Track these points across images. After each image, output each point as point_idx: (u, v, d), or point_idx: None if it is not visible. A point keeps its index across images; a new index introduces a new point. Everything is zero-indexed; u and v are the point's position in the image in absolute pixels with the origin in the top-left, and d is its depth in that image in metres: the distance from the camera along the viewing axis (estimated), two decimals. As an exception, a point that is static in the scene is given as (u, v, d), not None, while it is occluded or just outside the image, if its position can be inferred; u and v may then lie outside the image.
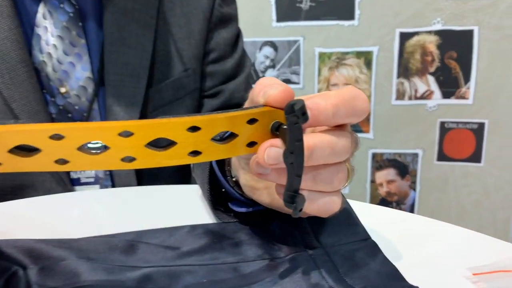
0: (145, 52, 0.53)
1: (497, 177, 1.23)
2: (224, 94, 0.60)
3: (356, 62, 1.25)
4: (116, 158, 0.25)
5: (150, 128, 0.25)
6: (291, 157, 0.25)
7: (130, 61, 0.53)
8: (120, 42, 0.52)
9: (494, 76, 1.19)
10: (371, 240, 0.34)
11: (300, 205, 0.27)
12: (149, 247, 0.36)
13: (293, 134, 0.25)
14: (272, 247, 0.35)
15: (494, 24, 1.16)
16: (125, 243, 0.35)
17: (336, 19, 1.23)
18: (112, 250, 0.35)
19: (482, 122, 1.21)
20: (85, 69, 0.52)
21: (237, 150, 0.27)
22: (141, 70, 0.53)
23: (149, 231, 0.38)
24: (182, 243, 0.36)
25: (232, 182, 0.38)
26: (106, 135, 0.24)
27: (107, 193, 0.48)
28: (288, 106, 0.25)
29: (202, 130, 0.26)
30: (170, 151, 0.26)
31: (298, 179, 0.26)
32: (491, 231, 1.25)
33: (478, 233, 0.37)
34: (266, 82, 0.28)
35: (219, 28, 0.59)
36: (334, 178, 0.28)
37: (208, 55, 0.59)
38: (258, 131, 0.27)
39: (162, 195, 0.46)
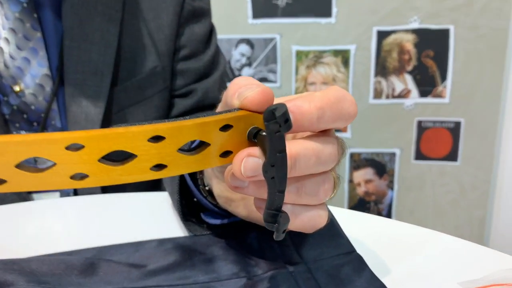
0: (109, 48, 0.49)
1: (473, 176, 1.24)
2: (197, 93, 0.56)
3: (334, 60, 1.24)
4: (64, 175, 0.21)
5: (104, 140, 0.21)
6: (272, 170, 0.22)
7: (93, 58, 0.48)
8: (82, 37, 0.48)
9: (470, 75, 1.19)
10: (356, 253, 0.32)
11: (283, 225, 0.23)
12: (111, 265, 0.32)
13: (274, 144, 0.21)
14: (249, 263, 0.32)
15: (470, 24, 1.16)
16: (84, 262, 0.32)
17: (313, 16, 1.21)
18: (69, 271, 0.31)
19: (458, 121, 1.22)
20: (41, 65, 0.48)
21: (209, 161, 0.24)
22: (105, 68, 0.49)
23: (112, 247, 0.35)
24: (149, 260, 0.33)
25: (205, 191, 0.34)
26: (50, 149, 0.20)
27: (67, 202, 0.44)
28: (268, 112, 0.21)
29: (166, 140, 0.22)
30: (129, 166, 0.22)
31: (281, 195, 0.23)
32: (467, 229, 1.26)
33: (467, 242, 0.34)
34: (242, 82, 0.24)
35: (191, 23, 0.55)
36: (320, 190, 0.25)
37: (179, 52, 0.56)
38: (233, 138, 0.24)
39: (128, 204, 0.42)
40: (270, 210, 0.23)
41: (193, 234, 0.35)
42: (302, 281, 0.29)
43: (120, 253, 0.34)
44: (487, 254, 0.33)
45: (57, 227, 0.38)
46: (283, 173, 0.22)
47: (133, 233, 0.36)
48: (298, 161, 0.23)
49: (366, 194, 1.31)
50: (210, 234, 0.35)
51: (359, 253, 0.32)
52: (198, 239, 0.35)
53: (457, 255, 0.33)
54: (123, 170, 0.22)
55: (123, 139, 0.21)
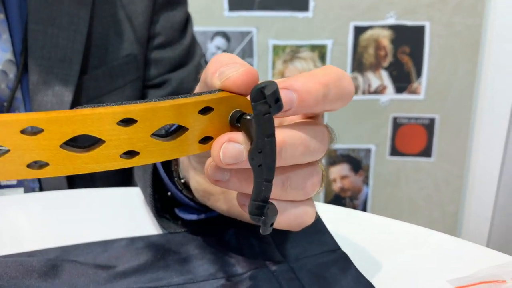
0: (78, 34, 0.46)
1: (446, 171, 1.26)
2: (171, 83, 0.53)
3: (310, 55, 1.23)
4: (20, 164, 0.18)
5: (67, 123, 0.18)
6: (259, 157, 0.20)
7: (60, 44, 0.45)
8: (48, 21, 0.44)
9: (444, 72, 1.20)
10: (340, 251, 0.30)
11: (270, 218, 0.21)
12: (76, 267, 0.29)
13: (262, 127, 0.19)
14: (227, 262, 0.30)
15: (445, 20, 1.17)
16: (45, 264, 0.29)
17: (290, 10, 1.19)
18: (27, 274, 0.28)
19: (432, 118, 1.23)
20: (4, 50, 0.44)
21: (186, 148, 0.21)
22: (74, 55, 0.45)
23: (78, 247, 0.32)
24: (118, 261, 0.30)
25: (181, 184, 0.32)
26: (3, 133, 0.18)
27: (31, 198, 0.40)
28: (255, 90, 0.19)
29: (138, 123, 0.19)
30: (96, 153, 0.19)
31: (268, 185, 0.20)
32: (441, 224, 1.28)
33: (454, 238, 0.33)
34: (224, 59, 0.22)
35: (166, 10, 0.53)
36: (307, 183, 0.23)
37: (153, 40, 0.53)
38: (213, 123, 0.21)
39: (96, 200, 0.39)
40: (256, 202, 0.21)
41: (167, 232, 0.33)
42: (284, 282, 0.27)
43: (87, 253, 0.31)
44: (475, 251, 0.32)
45: (18, 226, 0.35)
46: (271, 160, 0.20)
47: (101, 231, 0.34)
48: (284, 149, 0.21)
49: (341, 190, 1.31)
50: (185, 232, 0.33)
51: (343, 250, 0.30)
52: (172, 237, 0.32)
53: (445, 252, 0.32)
54: (89, 158, 0.19)
55: (88, 121, 0.19)
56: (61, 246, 0.32)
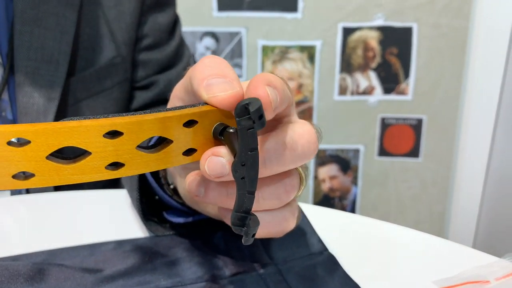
0: (65, 35, 0.45)
1: (433, 171, 1.27)
2: (159, 85, 0.53)
3: (299, 56, 1.23)
4: (5, 175, 0.18)
5: (53, 135, 0.18)
6: (242, 169, 0.20)
7: (47, 45, 0.44)
8: (35, 22, 0.44)
9: (431, 73, 1.22)
10: (328, 252, 0.30)
11: (252, 229, 0.22)
12: (63, 270, 0.29)
13: (245, 142, 0.20)
14: (215, 265, 0.30)
15: (432, 22, 1.18)
16: (31, 268, 0.29)
17: (279, 11, 1.20)
18: (13, 279, 0.27)
19: (420, 118, 1.24)
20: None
21: (171, 159, 0.22)
22: (61, 56, 0.45)
23: (64, 250, 0.32)
24: (105, 264, 0.30)
25: (170, 190, 0.32)
26: None
27: (16, 200, 0.40)
28: (240, 107, 0.19)
29: (125, 135, 0.20)
30: (82, 164, 0.19)
31: (251, 196, 0.21)
32: (428, 224, 1.29)
33: (439, 239, 0.34)
34: (212, 67, 0.22)
35: (154, 11, 0.52)
36: (280, 191, 0.23)
37: (141, 41, 0.52)
38: (197, 135, 0.22)
39: (82, 203, 0.39)
40: (238, 213, 0.21)
41: (155, 235, 0.33)
42: (272, 284, 0.27)
43: (73, 256, 0.31)
44: (460, 251, 0.33)
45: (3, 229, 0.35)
46: (254, 173, 0.20)
47: (88, 234, 0.33)
48: (268, 159, 0.21)
49: (330, 190, 1.32)
50: (173, 235, 0.33)
51: (331, 252, 0.30)
52: (160, 240, 0.32)
53: (430, 252, 0.33)
54: (75, 169, 0.19)
55: (75, 133, 0.19)
56: (47, 250, 0.32)
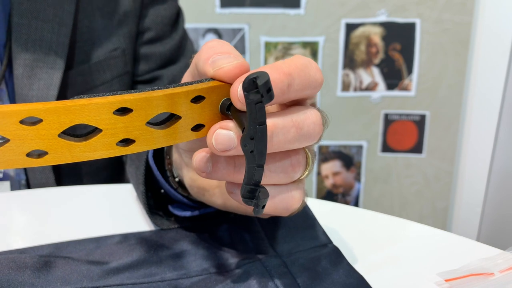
0: (63, 27, 0.45)
1: (437, 167, 1.27)
2: (162, 80, 0.53)
3: (302, 52, 1.23)
4: (19, 153, 0.19)
5: (65, 113, 0.19)
6: (251, 143, 0.20)
7: (45, 37, 0.44)
8: (32, 14, 0.44)
9: (434, 68, 1.21)
10: (332, 245, 0.30)
11: (262, 200, 0.22)
12: (70, 263, 0.29)
13: (254, 115, 0.20)
14: (220, 257, 0.30)
15: (434, 18, 1.18)
16: (39, 260, 0.29)
17: (282, 7, 1.20)
18: (20, 271, 0.28)
19: (423, 114, 1.24)
20: None
21: (180, 135, 0.22)
22: (59, 48, 0.45)
23: (70, 243, 0.32)
24: (111, 257, 0.30)
25: (175, 183, 0.32)
26: (2, 123, 0.18)
27: (19, 195, 0.40)
28: (248, 81, 0.19)
29: (134, 112, 0.20)
30: (93, 141, 0.20)
31: (260, 170, 0.21)
32: (431, 219, 1.29)
33: (443, 232, 0.34)
34: (217, 47, 0.22)
35: (156, 3, 0.52)
36: (286, 164, 0.23)
37: (143, 35, 0.52)
38: (205, 111, 0.22)
39: (87, 197, 0.39)
40: (248, 185, 0.21)
41: (160, 228, 0.33)
42: (277, 276, 0.27)
43: (79, 249, 0.31)
44: (464, 244, 0.33)
45: (9, 223, 0.35)
46: (263, 146, 0.21)
47: (93, 228, 0.34)
48: (275, 134, 0.21)
49: (333, 186, 1.32)
50: (178, 228, 0.33)
51: (335, 244, 0.30)
52: (165, 233, 0.33)
53: (435, 245, 0.33)
54: (87, 146, 0.20)
55: (86, 111, 0.19)
56: (54, 243, 0.32)
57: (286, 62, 0.22)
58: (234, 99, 0.21)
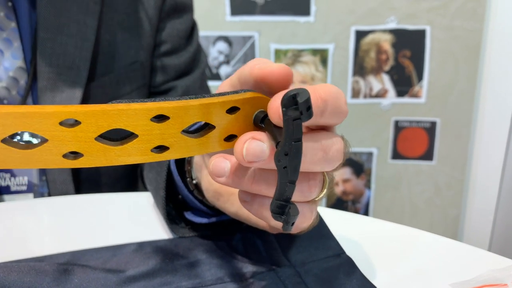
0: (86, 41, 0.46)
1: (448, 175, 1.26)
2: (177, 91, 0.54)
3: (312, 59, 1.23)
4: (56, 153, 0.19)
5: (103, 117, 0.19)
6: (285, 159, 0.20)
7: (69, 52, 0.46)
8: (57, 29, 0.45)
9: (445, 75, 1.21)
10: (345, 255, 0.31)
11: (292, 217, 0.22)
12: (87, 271, 0.30)
13: (291, 132, 0.20)
14: (235, 267, 0.30)
15: (445, 25, 1.18)
16: (57, 268, 0.29)
17: (292, 14, 1.20)
18: (40, 279, 0.28)
19: (434, 121, 1.23)
20: (16, 58, 0.45)
21: (212, 145, 0.22)
22: (81, 62, 0.46)
23: (87, 251, 0.32)
24: (127, 265, 0.31)
25: (192, 185, 0.33)
26: (42, 124, 0.18)
27: (40, 203, 0.41)
28: (288, 97, 0.19)
29: (171, 120, 0.20)
30: (129, 146, 0.20)
31: (292, 186, 0.21)
32: (442, 228, 1.28)
33: (456, 242, 0.34)
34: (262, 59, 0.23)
35: (172, 17, 0.53)
36: (305, 186, 0.24)
37: (159, 47, 0.53)
38: (238, 122, 0.22)
39: (104, 205, 0.40)
40: (279, 201, 0.21)
41: (176, 237, 0.33)
42: (291, 286, 0.28)
43: (96, 258, 0.32)
44: (476, 254, 0.33)
45: (28, 231, 0.36)
46: (297, 163, 0.21)
47: (110, 236, 0.34)
48: (304, 154, 0.22)
49: (343, 193, 1.31)
50: (192, 237, 0.33)
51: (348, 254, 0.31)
52: (180, 242, 0.33)
53: (447, 255, 0.33)
54: (122, 151, 0.20)
55: (124, 116, 0.19)
56: (71, 251, 0.32)
57: (322, 88, 0.22)
58: (273, 113, 0.21)
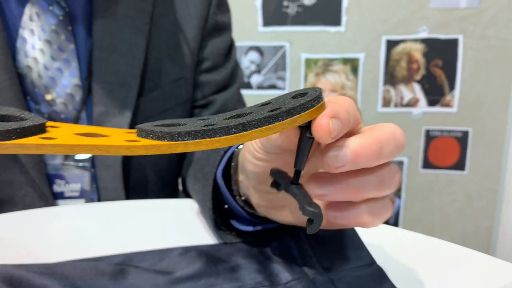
0: (136, 60, 0.51)
1: (480, 185, 1.24)
2: (216, 104, 0.57)
3: (343, 68, 1.25)
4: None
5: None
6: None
7: (120, 69, 0.50)
8: (110, 49, 0.49)
9: (477, 85, 1.20)
10: (376, 265, 0.33)
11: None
12: (139, 272, 0.33)
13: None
14: (272, 272, 0.33)
15: (478, 34, 1.17)
16: (114, 268, 0.33)
17: (322, 24, 1.22)
18: (100, 276, 0.32)
19: (466, 130, 1.22)
20: (73, 76, 0.49)
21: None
22: (132, 79, 0.50)
23: (139, 254, 0.36)
24: (175, 267, 0.34)
25: (241, 201, 0.35)
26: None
27: (93, 207, 0.45)
28: None
29: None
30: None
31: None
32: (474, 238, 1.26)
33: (488, 256, 0.35)
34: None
35: (213, 36, 0.57)
36: (389, 176, 0.26)
37: (201, 64, 0.57)
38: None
39: (151, 210, 0.43)
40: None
41: (218, 243, 0.36)
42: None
43: (146, 260, 0.35)
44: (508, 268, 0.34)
45: (86, 231, 0.39)
46: None
47: (157, 239, 0.37)
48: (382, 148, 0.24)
49: (373, 201, 1.32)
50: (233, 243, 0.36)
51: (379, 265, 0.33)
52: (222, 247, 0.36)
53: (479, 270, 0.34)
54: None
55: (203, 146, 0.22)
56: (123, 253, 0.36)
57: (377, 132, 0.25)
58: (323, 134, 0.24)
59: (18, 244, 0.36)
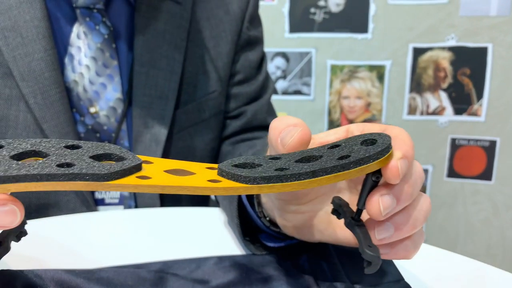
0: (174, 74, 0.53)
1: (507, 195, 1.23)
2: (246, 115, 0.59)
3: (368, 75, 1.25)
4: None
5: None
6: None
7: (159, 83, 0.52)
8: (150, 64, 0.52)
9: (507, 94, 1.18)
10: (404, 281, 0.34)
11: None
12: (178, 279, 0.35)
13: None
14: (302, 284, 0.34)
15: (509, 42, 1.16)
16: (154, 275, 0.35)
17: (349, 31, 1.23)
18: (141, 283, 0.34)
19: (493, 140, 1.21)
20: (116, 90, 0.52)
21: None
22: (170, 92, 0.53)
23: (176, 262, 0.38)
24: (211, 276, 0.36)
25: (267, 221, 0.37)
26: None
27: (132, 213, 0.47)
28: None
29: None
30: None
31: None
32: (500, 249, 1.25)
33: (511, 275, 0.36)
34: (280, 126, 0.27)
35: (246, 50, 0.59)
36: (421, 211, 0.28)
37: (234, 77, 0.59)
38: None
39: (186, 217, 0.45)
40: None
41: (249, 253, 0.38)
42: (354, 305, 0.31)
43: (183, 268, 0.37)
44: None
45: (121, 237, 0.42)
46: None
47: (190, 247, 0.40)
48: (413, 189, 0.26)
49: (396, 208, 1.31)
50: (264, 255, 0.38)
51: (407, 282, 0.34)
52: (254, 258, 0.38)
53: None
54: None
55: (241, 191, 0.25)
56: (161, 261, 0.38)
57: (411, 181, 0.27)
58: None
59: (63, 246, 0.39)
